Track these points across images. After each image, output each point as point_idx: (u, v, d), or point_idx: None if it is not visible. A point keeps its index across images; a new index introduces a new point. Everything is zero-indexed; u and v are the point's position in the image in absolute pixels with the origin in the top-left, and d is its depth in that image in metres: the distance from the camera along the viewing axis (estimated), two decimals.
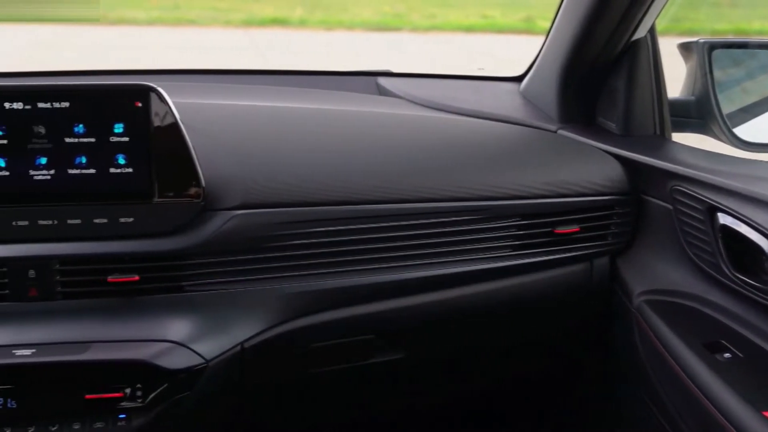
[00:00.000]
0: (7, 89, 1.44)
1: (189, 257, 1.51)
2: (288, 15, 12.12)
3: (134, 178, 1.48)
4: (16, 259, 1.46)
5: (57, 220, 1.47)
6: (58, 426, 1.43)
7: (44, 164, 1.46)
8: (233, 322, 1.53)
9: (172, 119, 1.46)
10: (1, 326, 1.45)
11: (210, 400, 1.53)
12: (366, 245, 1.59)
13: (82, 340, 1.45)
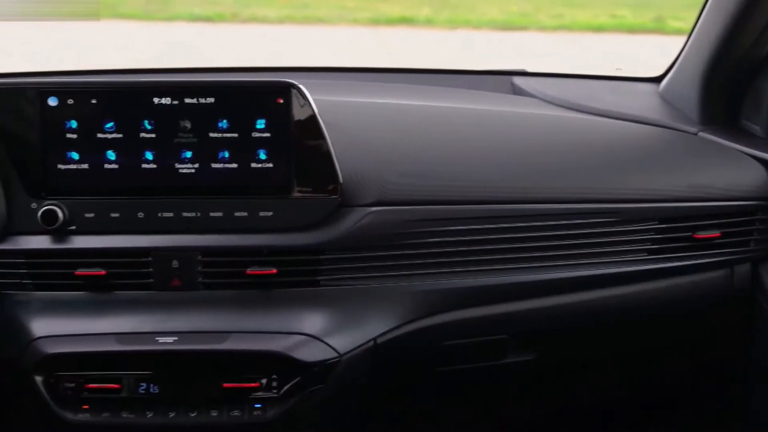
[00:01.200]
0: (156, 85, 1.49)
1: (325, 252, 1.53)
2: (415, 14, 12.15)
3: (274, 173, 1.51)
4: (161, 249, 1.51)
5: (200, 213, 1.51)
6: (196, 413, 1.48)
7: (189, 158, 1.50)
8: (367, 317, 1.54)
9: (313, 116, 1.49)
10: (145, 314, 1.51)
11: (341, 393, 1.55)
12: (500, 245, 1.58)
13: (221, 330, 1.49)
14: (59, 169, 1.49)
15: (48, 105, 1.48)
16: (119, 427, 1.48)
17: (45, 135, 1.48)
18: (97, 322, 1.49)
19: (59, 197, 1.50)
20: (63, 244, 1.50)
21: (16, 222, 1.50)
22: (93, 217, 1.50)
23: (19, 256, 1.50)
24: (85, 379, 1.46)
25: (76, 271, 1.50)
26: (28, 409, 1.52)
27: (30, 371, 1.46)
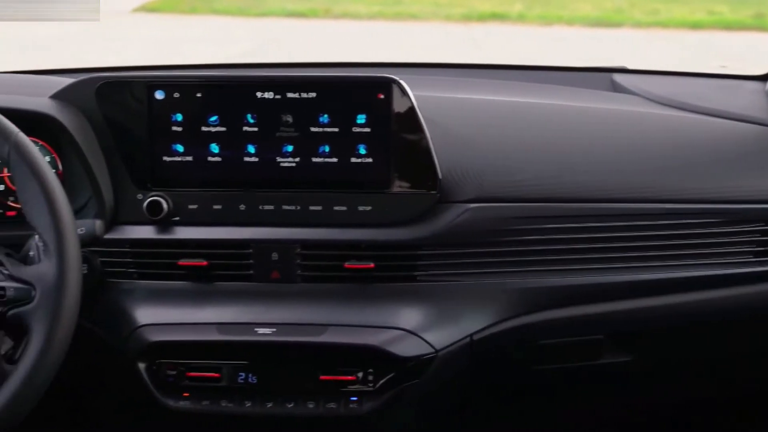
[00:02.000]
0: (259, 79, 1.52)
1: (422, 247, 1.53)
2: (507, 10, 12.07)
3: (373, 168, 1.52)
4: (262, 241, 1.53)
5: (300, 206, 1.53)
6: (293, 404, 1.49)
7: (290, 152, 1.52)
8: (463, 313, 1.54)
9: (413, 112, 1.49)
10: (244, 305, 1.53)
11: (437, 389, 1.55)
12: (599, 244, 1.56)
13: (318, 322, 1.50)
14: (165, 161, 1.53)
15: (155, 98, 1.51)
16: (218, 415, 1.51)
17: (152, 128, 1.52)
18: (199, 311, 1.52)
19: (164, 189, 1.53)
20: (167, 234, 1.54)
21: (123, 212, 1.54)
22: (196, 208, 1.54)
23: (125, 246, 1.54)
24: (186, 367, 1.49)
25: (179, 261, 1.53)
26: (131, 395, 1.56)
27: (134, 358, 1.50)
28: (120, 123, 1.53)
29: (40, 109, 1.50)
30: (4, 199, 1.59)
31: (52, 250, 1.22)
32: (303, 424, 1.52)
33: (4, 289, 1.23)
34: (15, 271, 1.24)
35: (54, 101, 1.53)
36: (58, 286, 1.21)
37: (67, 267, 1.22)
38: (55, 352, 1.20)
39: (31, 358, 1.19)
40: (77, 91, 1.54)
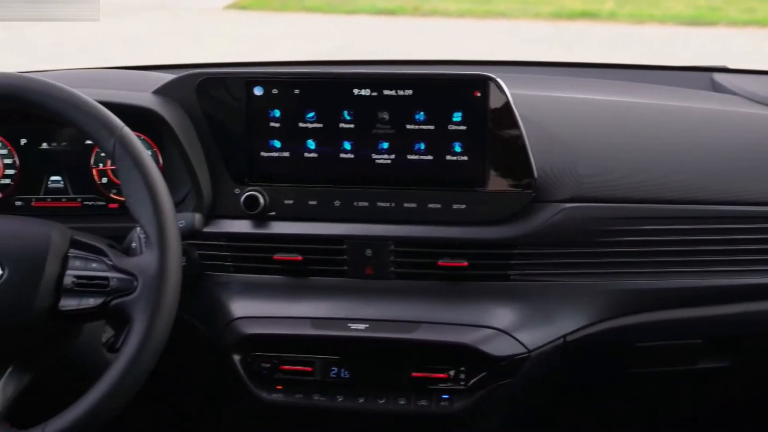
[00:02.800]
0: (357, 76, 1.53)
1: (516, 247, 1.52)
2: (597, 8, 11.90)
3: (469, 167, 1.51)
4: (356, 237, 1.54)
5: (394, 203, 1.53)
6: (385, 400, 1.50)
7: (386, 149, 1.52)
8: (557, 314, 1.53)
9: (509, 110, 1.48)
10: (338, 300, 1.54)
11: (529, 389, 1.54)
12: (699, 246, 1.53)
13: (411, 319, 1.50)
14: (262, 157, 1.55)
15: (254, 94, 1.53)
16: (310, 408, 1.52)
17: (250, 123, 1.54)
18: (293, 305, 1.54)
19: (261, 183, 1.55)
20: (263, 229, 1.56)
21: (220, 206, 1.57)
22: (292, 203, 1.55)
23: (222, 239, 1.56)
24: (279, 360, 1.51)
25: (275, 255, 1.55)
26: (225, 387, 1.59)
27: (229, 350, 1.52)
28: (219, 118, 1.56)
29: (143, 104, 1.53)
30: (107, 192, 1.63)
31: (154, 243, 1.25)
32: (393, 421, 1.53)
33: (107, 279, 1.25)
34: (118, 262, 1.27)
35: (156, 96, 1.57)
36: (159, 277, 1.23)
37: (168, 259, 1.24)
38: (156, 341, 1.23)
39: (133, 347, 1.22)
40: (178, 87, 1.57)
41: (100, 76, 1.79)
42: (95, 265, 1.27)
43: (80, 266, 1.27)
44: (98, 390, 1.22)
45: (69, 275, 1.26)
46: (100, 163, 1.63)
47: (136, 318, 1.23)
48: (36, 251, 1.26)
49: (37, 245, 1.27)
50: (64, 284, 1.26)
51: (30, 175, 1.64)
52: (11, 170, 1.64)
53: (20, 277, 1.25)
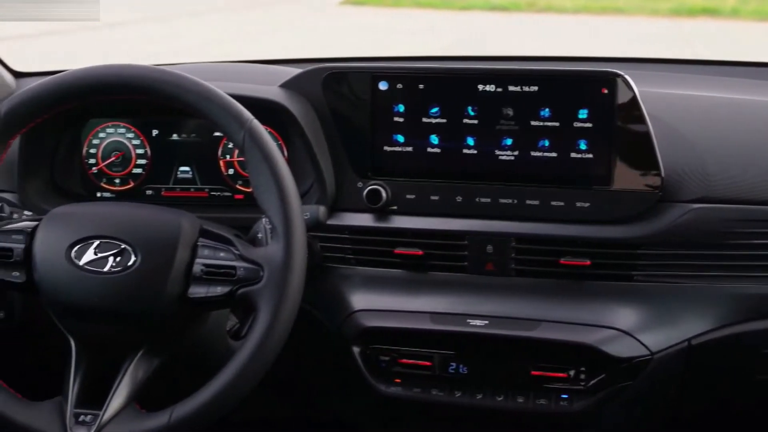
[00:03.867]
0: (482, 72, 1.52)
1: (641, 247, 1.49)
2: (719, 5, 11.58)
3: (594, 164, 1.49)
4: (477, 233, 1.54)
5: (516, 200, 1.52)
6: (503, 397, 1.49)
7: (509, 145, 1.52)
8: (682, 316, 1.49)
9: (637, 107, 1.45)
10: (457, 296, 1.54)
11: (649, 392, 1.51)
12: None
13: (531, 317, 1.49)
14: (385, 151, 1.56)
15: (379, 89, 1.54)
16: (428, 403, 1.53)
17: (374, 118, 1.55)
18: (413, 300, 1.54)
19: (384, 178, 1.56)
20: (384, 223, 1.57)
21: (343, 199, 1.59)
22: (413, 198, 1.56)
23: (344, 232, 1.58)
24: (398, 353, 1.52)
25: (396, 249, 1.56)
26: (344, 378, 1.60)
27: (348, 342, 1.54)
28: (343, 112, 1.57)
29: (271, 97, 1.56)
30: (233, 183, 1.67)
31: (280, 234, 1.27)
32: (511, 418, 1.52)
33: (234, 268, 1.28)
34: (245, 252, 1.29)
35: (283, 90, 1.59)
36: (285, 267, 1.25)
37: (293, 250, 1.26)
38: (280, 330, 1.25)
39: (258, 335, 1.24)
40: (305, 81, 1.59)
41: (228, 70, 1.83)
42: (223, 254, 1.29)
43: (209, 255, 1.30)
44: (224, 376, 1.25)
45: (198, 264, 1.29)
46: (227, 155, 1.67)
47: (261, 307, 1.25)
48: (167, 239, 1.30)
49: (168, 234, 1.31)
50: (193, 272, 1.29)
51: (160, 166, 1.69)
52: (143, 160, 1.70)
53: (152, 264, 1.28)
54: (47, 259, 1.30)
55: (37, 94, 1.33)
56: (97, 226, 1.31)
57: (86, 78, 1.33)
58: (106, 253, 1.29)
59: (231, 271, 1.28)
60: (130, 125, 1.69)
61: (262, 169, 1.28)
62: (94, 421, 1.26)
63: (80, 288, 1.28)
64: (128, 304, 1.29)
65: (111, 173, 1.71)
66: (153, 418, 1.26)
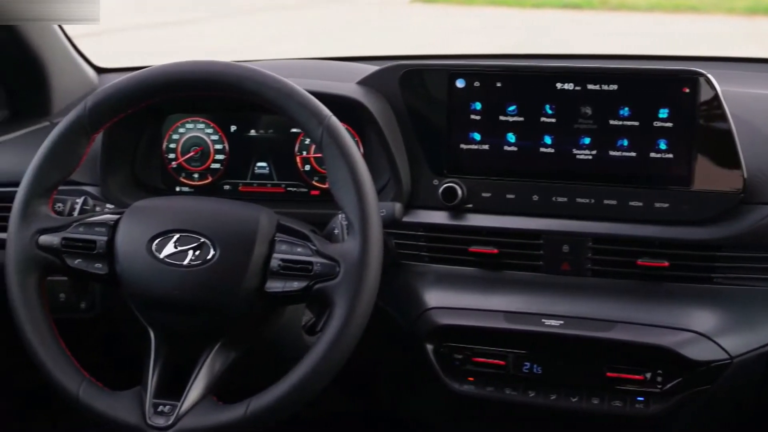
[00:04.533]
0: (561, 70, 1.51)
1: (722, 249, 1.46)
2: None
3: (674, 164, 1.47)
4: (553, 233, 1.52)
5: (594, 200, 1.51)
6: (577, 398, 1.48)
7: (587, 144, 1.50)
8: (762, 320, 1.46)
9: (719, 107, 1.43)
10: (532, 295, 1.53)
11: (727, 397, 1.48)
12: None
13: (607, 318, 1.47)
14: (461, 149, 1.56)
15: (456, 87, 1.54)
16: (501, 402, 1.52)
17: (451, 115, 1.55)
18: (487, 298, 1.54)
19: (459, 175, 1.56)
20: (459, 220, 1.56)
21: (418, 197, 1.59)
22: (489, 196, 1.55)
23: (419, 229, 1.58)
24: (472, 352, 1.52)
25: (470, 247, 1.55)
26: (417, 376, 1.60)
27: (422, 339, 1.54)
28: (420, 109, 1.57)
29: (348, 94, 1.57)
30: (310, 179, 1.69)
31: (357, 230, 1.27)
32: (585, 419, 1.51)
33: (311, 264, 1.29)
34: (321, 248, 1.30)
35: (360, 87, 1.60)
36: (361, 264, 1.25)
37: (370, 247, 1.27)
38: (356, 326, 1.25)
39: (334, 331, 1.25)
40: (382, 78, 1.60)
41: (306, 67, 1.85)
42: (300, 249, 1.30)
43: (286, 250, 1.31)
44: (300, 370, 1.26)
45: (275, 258, 1.30)
46: (303, 151, 1.68)
47: (337, 302, 1.26)
48: (246, 234, 1.31)
49: (247, 228, 1.32)
50: (271, 267, 1.30)
51: (238, 161, 1.71)
52: (221, 155, 1.72)
53: (231, 258, 1.30)
54: (129, 252, 1.33)
55: (122, 89, 1.35)
56: (178, 220, 1.33)
57: (170, 74, 1.35)
58: (186, 247, 1.31)
59: (308, 267, 1.28)
60: (209, 121, 1.72)
61: (340, 165, 1.29)
62: (172, 411, 1.28)
63: (160, 280, 1.30)
64: (207, 297, 1.30)
65: (190, 168, 1.73)
66: (229, 410, 1.28)
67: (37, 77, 1.87)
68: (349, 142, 1.30)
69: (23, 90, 1.90)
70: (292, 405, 1.27)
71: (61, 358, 1.33)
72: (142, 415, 1.29)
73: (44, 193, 1.38)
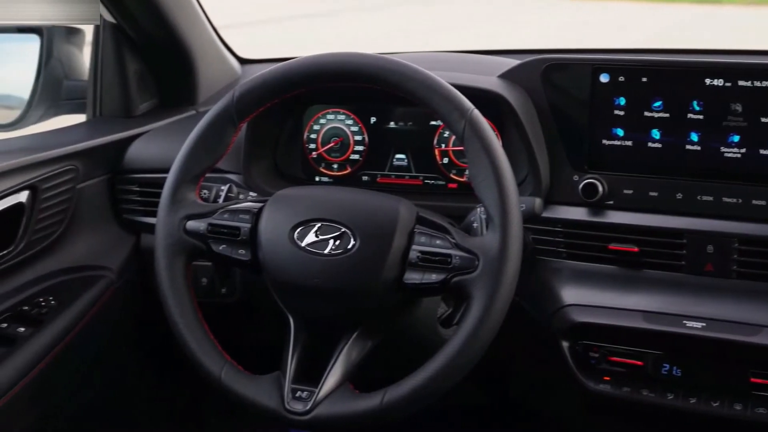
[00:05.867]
0: (709, 65, 1.47)
1: None
2: None
3: None
4: (697, 232, 1.48)
5: (741, 199, 1.46)
6: (718, 403, 1.44)
7: (736, 142, 1.46)
8: None
9: None
10: (672, 295, 1.49)
11: None
12: None
13: (753, 322, 1.43)
14: (603, 144, 1.53)
15: (599, 81, 1.52)
16: (637, 403, 1.49)
17: (594, 110, 1.53)
18: (625, 297, 1.51)
19: (600, 171, 1.54)
20: (599, 217, 1.54)
21: (557, 192, 1.57)
22: (631, 193, 1.52)
23: (557, 225, 1.56)
24: (608, 351, 1.49)
25: (610, 245, 1.53)
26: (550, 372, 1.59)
27: (557, 336, 1.52)
28: (562, 104, 1.55)
29: (490, 87, 1.56)
30: (447, 172, 1.69)
31: (497, 224, 1.26)
32: (725, 425, 1.46)
33: (450, 256, 1.28)
34: (460, 241, 1.30)
35: (502, 80, 1.59)
36: (500, 258, 1.25)
37: (510, 241, 1.26)
38: (494, 320, 1.25)
39: (472, 324, 1.24)
40: (524, 72, 1.59)
41: (447, 60, 1.85)
42: (439, 242, 1.30)
43: (425, 242, 1.31)
44: (437, 362, 1.26)
45: (414, 250, 1.31)
46: (442, 144, 1.69)
47: (475, 296, 1.25)
48: (386, 225, 1.32)
49: (387, 219, 1.33)
50: (409, 258, 1.31)
51: (377, 152, 1.73)
52: (360, 147, 1.74)
53: (370, 248, 1.31)
54: (271, 239, 1.35)
55: (268, 80, 1.38)
56: (319, 209, 1.35)
57: (314, 65, 1.37)
58: (327, 236, 1.32)
59: (446, 259, 1.28)
60: (350, 112, 1.74)
61: (482, 158, 1.28)
62: (309, 397, 1.30)
63: (301, 268, 1.33)
64: (346, 287, 1.32)
65: (330, 158, 1.76)
66: (366, 399, 1.29)
67: (185, 68, 1.93)
68: (491, 136, 1.29)
69: (172, 80, 1.96)
70: (427, 396, 1.27)
71: (205, 340, 1.37)
72: (281, 399, 1.31)
73: (192, 180, 1.42)
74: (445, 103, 1.30)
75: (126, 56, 1.87)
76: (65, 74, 1.94)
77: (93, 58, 1.90)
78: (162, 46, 1.88)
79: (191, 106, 1.95)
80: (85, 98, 1.93)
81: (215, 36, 2.01)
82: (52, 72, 1.91)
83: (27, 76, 1.91)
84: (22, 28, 1.91)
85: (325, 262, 1.31)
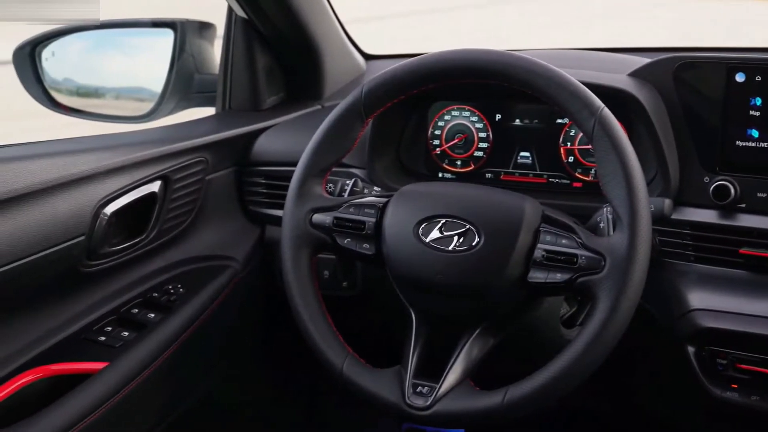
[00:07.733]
0: None
1: None
2: None
3: None
4: None
5: None
6: None
7: None
8: None
9: None
10: None
11: None
12: None
13: None
14: (737, 146, 1.49)
15: (735, 81, 1.48)
16: (763, 413, 1.44)
17: (728, 110, 1.49)
18: (756, 303, 1.46)
19: (733, 173, 1.50)
20: (731, 220, 1.50)
21: (686, 193, 1.53)
22: (765, 197, 1.48)
23: (685, 227, 1.52)
24: (737, 357, 1.45)
25: (741, 249, 1.48)
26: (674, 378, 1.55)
27: (683, 341, 1.49)
28: (694, 103, 1.52)
29: (621, 86, 1.53)
30: (572, 171, 1.67)
31: (625, 225, 1.24)
32: None
33: (576, 256, 1.27)
34: (587, 241, 1.28)
35: (632, 79, 1.56)
36: (628, 259, 1.23)
37: (638, 242, 1.23)
38: (619, 322, 1.23)
39: (596, 326, 1.23)
40: (655, 70, 1.55)
41: (575, 57, 1.83)
42: (565, 241, 1.29)
43: (550, 241, 1.30)
44: (560, 363, 1.24)
45: (539, 249, 1.30)
46: (568, 142, 1.67)
47: (601, 297, 1.24)
48: (511, 223, 1.32)
49: (512, 217, 1.32)
50: (534, 257, 1.30)
51: (501, 150, 1.72)
52: (485, 144, 1.73)
53: (495, 246, 1.31)
54: (396, 234, 1.36)
55: (396, 76, 1.39)
56: (444, 205, 1.36)
57: (442, 62, 1.37)
58: (452, 233, 1.33)
59: (572, 259, 1.27)
60: (474, 109, 1.74)
61: (611, 158, 1.26)
62: (430, 393, 1.31)
63: (425, 264, 1.33)
64: (470, 284, 1.32)
65: (453, 155, 1.76)
66: (487, 397, 1.29)
67: (313, 63, 1.96)
68: (621, 135, 1.28)
69: (300, 74, 1.99)
70: (548, 397, 1.26)
71: (328, 332, 1.39)
72: (402, 394, 1.32)
73: (319, 173, 1.44)
74: (574, 100, 1.29)
75: (256, 51, 1.91)
76: (196, 68, 1.99)
77: (224, 53, 1.95)
78: (291, 41, 1.91)
79: (317, 100, 1.98)
80: (214, 91, 1.98)
81: (342, 31, 2.04)
82: (184, 66, 1.96)
83: (159, 69, 1.97)
84: (156, 23, 1.97)
85: (449, 259, 1.31)
